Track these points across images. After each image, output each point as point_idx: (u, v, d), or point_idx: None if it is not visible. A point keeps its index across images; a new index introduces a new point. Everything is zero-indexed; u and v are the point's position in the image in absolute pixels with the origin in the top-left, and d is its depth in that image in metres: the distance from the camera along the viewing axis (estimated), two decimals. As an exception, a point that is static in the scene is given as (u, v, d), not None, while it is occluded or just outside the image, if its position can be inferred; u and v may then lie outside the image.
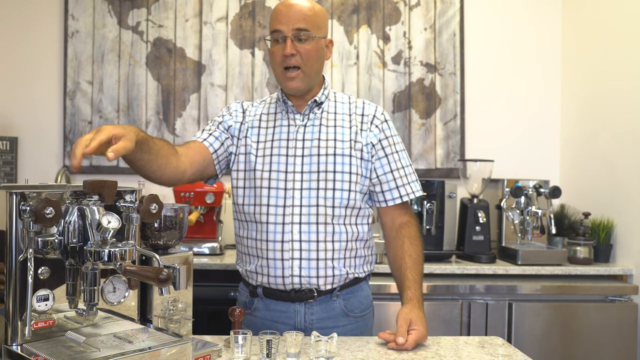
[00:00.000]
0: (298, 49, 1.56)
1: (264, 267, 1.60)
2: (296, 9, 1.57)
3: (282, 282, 1.59)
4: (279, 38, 1.58)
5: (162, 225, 1.29)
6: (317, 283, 1.59)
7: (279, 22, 1.57)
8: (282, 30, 1.57)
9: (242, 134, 1.67)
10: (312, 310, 1.61)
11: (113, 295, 1.19)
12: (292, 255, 1.57)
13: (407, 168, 1.68)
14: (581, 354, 2.45)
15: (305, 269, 1.58)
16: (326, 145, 1.61)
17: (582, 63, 3.02)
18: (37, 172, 3.07)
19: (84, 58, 3.11)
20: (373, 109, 1.69)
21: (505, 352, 1.45)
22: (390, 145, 1.67)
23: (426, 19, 3.17)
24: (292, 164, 1.60)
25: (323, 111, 1.66)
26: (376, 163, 1.65)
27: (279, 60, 1.58)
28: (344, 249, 1.61)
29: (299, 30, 1.56)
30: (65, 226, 1.10)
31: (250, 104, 1.75)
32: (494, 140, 3.17)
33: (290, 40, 1.56)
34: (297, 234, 1.57)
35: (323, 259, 1.58)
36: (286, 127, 1.65)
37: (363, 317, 1.68)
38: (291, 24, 1.56)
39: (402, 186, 1.66)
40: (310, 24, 1.57)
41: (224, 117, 1.70)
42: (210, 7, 3.13)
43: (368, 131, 1.65)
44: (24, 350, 1.07)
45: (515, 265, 2.56)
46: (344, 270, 1.61)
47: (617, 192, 2.68)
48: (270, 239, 1.58)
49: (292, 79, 1.59)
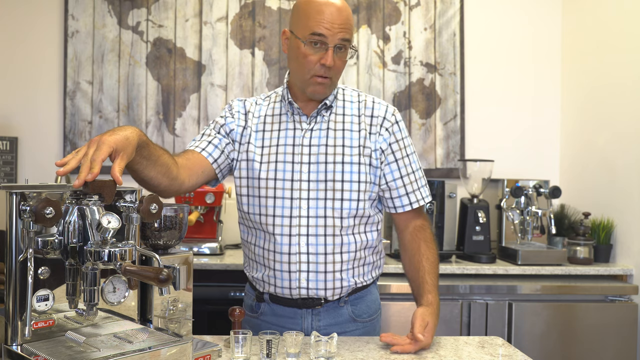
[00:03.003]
0: (336, 61, 1.48)
1: (270, 277, 1.56)
2: (344, 16, 1.46)
3: (289, 293, 1.55)
4: (318, 41, 1.46)
5: (162, 225, 1.28)
6: (324, 295, 1.55)
7: (324, 27, 1.44)
8: (326, 36, 1.45)
9: (245, 139, 1.59)
10: (320, 317, 1.57)
11: (113, 295, 1.19)
12: (300, 268, 1.53)
13: (417, 172, 1.62)
14: (581, 354, 2.45)
15: (313, 281, 1.53)
16: (334, 152, 1.53)
17: (582, 63, 3.02)
18: (37, 172, 3.07)
19: (84, 58, 3.11)
20: (383, 110, 1.59)
21: (505, 352, 1.45)
22: (401, 149, 1.59)
23: (426, 19, 3.17)
24: (298, 171, 1.53)
25: (331, 113, 1.58)
26: (385, 169, 1.58)
27: (313, 65, 1.47)
28: (353, 259, 1.56)
29: (343, 40, 1.46)
30: (65, 226, 1.10)
31: (254, 101, 1.64)
32: (494, 140, 3.17)
33: (333, 50, 1.46)
34: (304, 246, 1.52)
35: (331, 271, 1.53)
36: (292, 130, 1.57)
37: (371, 322, 1.64)
38: (337, 32, 1.45)
39: (412, 192, 1.59)
40: (351, 34, 1.49)
41: (225, 119, 1.60)
42: (210, 7, 3.13)
43: (377, 135, 1.57)
44: (24, 350, 1.07)
45: (515, 265, 2.56)
46: (352, 280, 1.57)
47: (617, 192, 2.68)
48: (277, 250, 1.53)
49: (321, 85, 1.50)
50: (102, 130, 3.09)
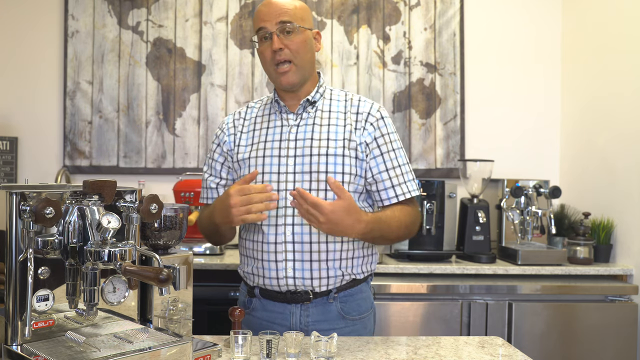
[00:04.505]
0: (285, 43, 1.56)
1: (259, 269, 1.61)
2: (276, 5, 1.58)
3: (277, 284, 1.58)
4: (265, 35, 1.58)
5: (162, 225, 1.29)
6: (311, 285, 1.58)
7: (262, 20, 1.58)
8: (265, 26, 1.57)
9: (236, 143, 1.68)
10: (308, 312, 1.60)
11: (113, 295, 1.19)
12: (286, 257, 1.57)
13: (403, 167, 1.64)
14: (581, 354, 2.45)
15: (299, 271, 1.57)
16: (319, 145, 1.59)
17: (582, 63, 3.02)
18: (37, 172, 3.07)
19: (84, 58, 3.11)
20: (368, 107, 1.65)
21: (505, 352, 1.45)
22: (386, 143, 1.63)
23: (426, 19, 3.17)
24: (284, 164, 1.59)
25: (317, 110, 1.65)
26: (371, 162, 1.62)
27: (269, 57, 1.58)
28: (339, 250, 1.59)
29: (282, 23, 1.56)
30: (65, 226, 1.10)
31: (245, 107, 1.75)
32: (494, 140, 3.17)
33: (276, 35, 1.56)
34: (290, 235, 1.56)
35: (317, 260, 1.57)
36: (279, 127, 1.64)
37: (361, 320, 1.66)
38: (274, 18, 1.56)
39: (399, 185, 1.62)
40: (292, 16, 1.57)
41: (218, 137, 1.72)
42: (210, 7, 3.13)
43: (362, 130, 1.62)
44: (24, 350, 1.07)
45: (515, 265, 2.56)
46: (339, 271, 1.59)
47: (617, 193, 2.68)
48: (265, 240, 1.58)
49: (285, 73, 1.58)
50: (102, 130, 3.10)
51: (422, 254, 2.61)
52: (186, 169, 3.10)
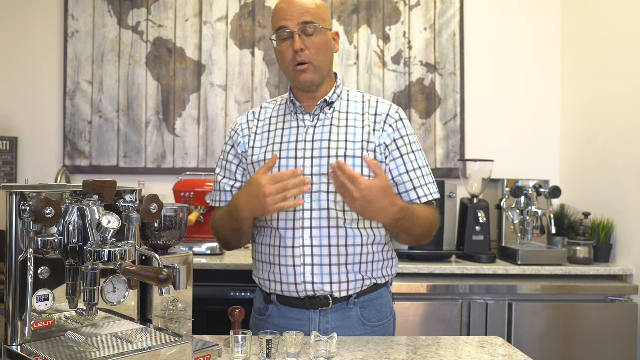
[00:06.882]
0: (307, 44, 1.52)
1: (276, 274, 1.56)
2: (299, 4, 1.54)
3: (295, 290, 1.53)
4: (285, 35, 1.54)
5: (162, 225, 1.29)
6: (330, 290, 1.53)
7: (283, 18, 1.53)
8: (287, 26, 1.53)
9: (250, 145, 1.63)
10: (327, 319, 1.55)
11: (113, 295, 1.19)
12: (304, 262, 1.52)
13: (424, 169, 1.60)
14: (581, 354, 2.45)
15: (318, 275, 1.52)
16: (337, 147, 1.54)
17: (582, 63, 3.02)
18: (37, 172, 3.08)
19: (84, 58, 3.11)
20: (387, 108, 1.61)
21: (505, 352, 1.45)
22: (406, 145, 1.59)
23: (426, 19, 3.17)
24: (301, 166, 1.54)
25: (335, 111, 1.60)
26: (391, 164, 1.58)
27: (290, 57, 1.54)
28: (359, 254, 1.55)
29: (305, 23, 1.52)
30: (65, 226, 1.10)
31: (259, 108, 1.70)
32: (494, 140, 3.17)
33: (298, 35, 1.52)
34: (308, 239, 1.52)
35: (336, 264, 1.52)
36: (295, 128, 1.60)
37: (381, 326, 1.61)
38: (296, 18, 1.52)
39: (420, 187, 1.58)
40: (315, 16, 1.53)
41: (232, 139, 1.66)
42: (210, 7, 3.13)
43: (381, 131, 1.58)
44: (24, 350, 1.07)
45: (515, 265, 2.56)
46: (359, 275, 1.55)
47: (617, 192, 2.68)
48: (282, 245, 1.54)
49: (304, 72, 1.54)
50: (102, 130, 3.10)
51: (422, 254, 2.61)
52: (186, 169, 3.10)
